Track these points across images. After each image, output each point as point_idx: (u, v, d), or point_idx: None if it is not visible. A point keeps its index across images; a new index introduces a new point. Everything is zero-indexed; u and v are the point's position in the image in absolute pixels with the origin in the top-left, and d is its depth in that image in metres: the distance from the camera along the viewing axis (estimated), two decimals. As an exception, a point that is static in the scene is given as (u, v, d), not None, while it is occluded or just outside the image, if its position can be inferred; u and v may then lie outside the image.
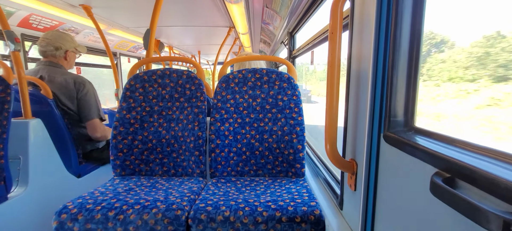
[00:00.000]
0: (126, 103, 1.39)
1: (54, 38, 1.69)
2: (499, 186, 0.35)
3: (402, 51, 0.62)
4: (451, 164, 0.44)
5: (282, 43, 3.18)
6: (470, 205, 0.36)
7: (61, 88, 1.65)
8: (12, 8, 2.15)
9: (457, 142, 0.48)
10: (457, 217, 0.42)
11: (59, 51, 1.71)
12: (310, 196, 1.05)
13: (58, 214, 0.97)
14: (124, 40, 3.92)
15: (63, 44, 1.71)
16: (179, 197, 1.05)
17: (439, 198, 0.44)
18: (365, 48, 0.73)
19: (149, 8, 1.70)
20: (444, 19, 0.80)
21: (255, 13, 2.83)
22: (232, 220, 0.93)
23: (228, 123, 1.35)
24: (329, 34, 0.77)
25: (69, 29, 2.85)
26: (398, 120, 0.64)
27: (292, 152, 1.30)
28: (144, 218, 0.95)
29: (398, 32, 0.62)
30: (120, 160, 1.35)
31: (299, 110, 1.32)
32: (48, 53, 1.70)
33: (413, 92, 0.62)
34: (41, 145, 1.52)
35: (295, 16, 2.17)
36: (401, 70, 0.62)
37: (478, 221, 0.35)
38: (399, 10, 0.62)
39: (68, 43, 1.74)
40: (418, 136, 0.57)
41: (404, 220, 0.58)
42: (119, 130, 1.36)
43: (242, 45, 5.04)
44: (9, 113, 1.30)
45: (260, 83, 1.37)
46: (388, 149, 0.64)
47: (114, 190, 1.14)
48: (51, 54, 1.70)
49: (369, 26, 0.70)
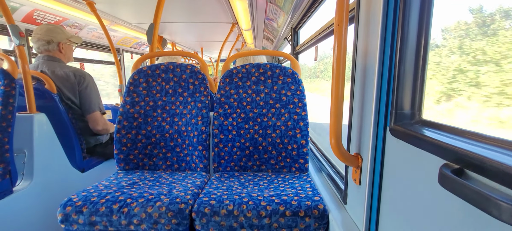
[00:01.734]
0: (130, 97, 1.39)
1: (44, 32, 1.68)
2: (510, 175, 0.34)
3: (410, 43, 0.61)
4: (460, 155, 0.43)
5: (285, 39, 3.16)
6: (481, 195, 0.36)
7: (63, 81, 1.66)
8: (16, 3, 2.16)
9: (465, 133, 0.48)
10: (466, 208, 0.42)
11: (51, 45, 1.70)
12: (313, 191, 1.04)
13: (63, 206, 0.97)
14: (127, 37, 3.93)
15: (53, 37, 1.70)
16: (183, 191, 1.05)
17: (448, 189, 0.43)
18: (371, 41, 0.72)
19: (152, 4, 1.70)
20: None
21: (258, 8, 2.81)
22: (235, 214, 0.93)
23: (231, 117, 1.35)
24: (335, 26, 0.76)
25: (73, 25, 2.86)
26: (405, 113, 0.63)
27: (296, 147, 1.29)
28: (148, 211, 0.95)
29: (406, 23, 0.61)
30: (124, 154, 1.36)
31: (303, 105, 1.31)
32: (42, 48, 1.69)
33: (421, 85, 0.61)
34: (45, 139, 1.53)
35: (299, 12, 2.16)
36: (409, 63, 0.62)
37: (489, 211, 0.34)
38: (407, 1, 0.61)
39: (58, 35, 1.72)
40: (426, 128, 0.57)
41: (411, 212, 0.58)
42: (123, 124, 1.36)
43: (245, 41, 5.02)
44: (14, 107, 1.30)
45: (264, 78, 1.37)
46: (394, 142, 0.64)
47: (118, 183, 1.14)
48: (44, 48, 1.70)
49: (376, 18, 0.69)
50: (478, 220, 0.41)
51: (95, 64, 4.03)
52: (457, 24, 0.83)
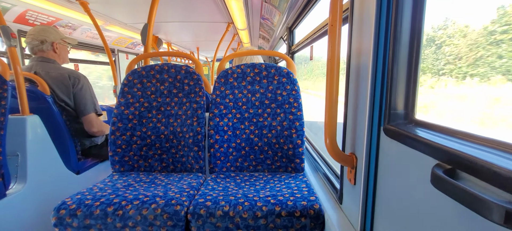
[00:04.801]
0: (124, 99, 1.38)
1: (37, 32, 1.66)
2: (500, 176, 0.35)
3: (402, 44, 0.61)
4: (451, 156, 0.43)
5: (281, 39, 3.16)
6: (471, 196, 0.36)
7: (57, 83, 1.64)
8: (8, 3, 2.13)
9: (457, 133, 0.48)
10: (459, 208, 0.42)
11: (45, 45, 1.68)
12: (309, 191, 1.05)
13: (57, 210, 0.96)
14: (122, 37, 3.90)
15: (47, 36, 1.68)
16: (179, 193, 1.04)
17: (440, 190, 0.43)
18: (365, 41, 0.73)
19: (147, 4, 1.69)
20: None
21: (254, 8, 2.81)
22: (231, 215, 0.93)
23: (227, 118, 1.34)
24: (329, 27, 0.76)
25: (66, 25, 2.83)
26: (398, 113, 0.63)
27: (292, 147, 1.29)
28: (143, 214, 0.94)
29: (398, 24, 0.61)
30: (119, 156, 1.35)
31: (298, 105, 1.31)
32: (36, 49, 1.68)
33: (413, 85, 0.62)
34: (39, 141, 1.51)
35: (294, 11, 2.16)
36: (402, 62, 0.62)
37: (480, 211, 0.35)
38: (400, 1, 0.61)
39: (52, 35, 1.70)
40: (419, 128, 0.57)
41: (404, 212, 0.58)
42: (118, 125, 1.35)
43: (241, 41, 5.02)
44: (6, 109, 1.28)
45: (259, 78, 1.36)
46: (388, 142, 0.64)
47: (113, 186, 1.13)
48: (38, 49, 1.68)
49: (369, 19, 0.69)
50: (470, 220, 0.41)
51: (91, 65, 3.99)
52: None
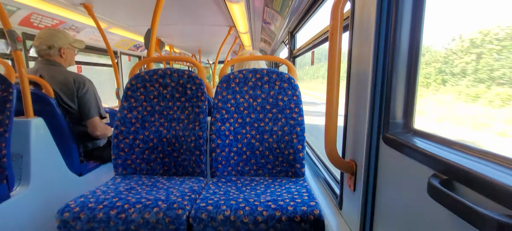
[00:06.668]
0: (128, 102, 1.40)
1: (46, 37, 1.67)
2: (494, 189, 0.36)
3: (401, 54, 0.63)
4: (448, 166, 0.44)
5: (282, 43, 3.18)
6: (466, 207, 0.37)
7: (62, 87, 1.65)
8: (13, 6, 2.16)
9: (454, 144, 0.49)
10: (454, 219, 0.43)
11: (52, 50, 1.69)
12: (309, 196, 1.05)
13: (61, 212, 0.98)
14: (125, 39, 3.93)
15: (55, 42, 1.69)
16: (180, 196, 1.06)
17: (435, 200, 0.44)
18: (365, 50, 0.74)
19: (150, 7, 1.71)
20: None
21: (255, 12, 2.83)
22: (232, 219, 0.94)
23: (228, 122, 1.36)
24: (330, 35, 0.77)
25: (70, 28, 2.86)
26: (397, 122, 0.65)
27: (292, 152, 1.30)
28: (145, 217, 0.96)
29: (398, 34, 0.62)
30: (121, 159, 1.36)
31: (299, 110, 1.32)
32: (43, 53, 1.69)
33: (412, 95, 0.63)
34: (42, 143, 1.53)
35: (295, 16, 2.18)
36: (401, 72, 0.63)
37: (474, 223, 0.36)
38: (399, 12, 0.62)
39: (60, 41, 1.71)
40: (417, 138, 0.58)
41: (403, 220, 0.59)
42: (121, 129, 1.37)
43: (242, 44, 5.04)
44: (11, 112, 1.30)
45: (261, 83, 1.38)
46: (387, 150, 0.65)
47: (115, 189, 1.15)
48: (45, 53, 1.69)
49: (369, 28, 0.71)
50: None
51: (94, 66, 4.02)
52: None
